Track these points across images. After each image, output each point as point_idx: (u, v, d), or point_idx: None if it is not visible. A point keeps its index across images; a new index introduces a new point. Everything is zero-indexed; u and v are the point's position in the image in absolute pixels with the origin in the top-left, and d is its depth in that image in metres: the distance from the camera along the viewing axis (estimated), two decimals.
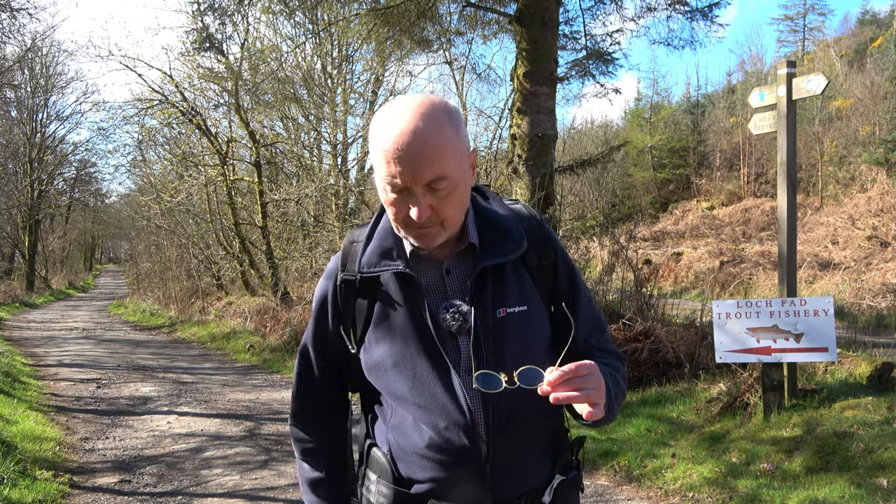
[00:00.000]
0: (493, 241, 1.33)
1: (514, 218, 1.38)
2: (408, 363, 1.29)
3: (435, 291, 1.33)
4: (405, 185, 1.21)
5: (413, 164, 1.19)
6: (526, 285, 1.35)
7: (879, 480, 3.84)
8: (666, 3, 8.69)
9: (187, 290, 19.44)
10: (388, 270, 1.32)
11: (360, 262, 1.35)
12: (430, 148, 1.18)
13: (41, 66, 27.93)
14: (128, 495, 4.55)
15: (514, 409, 1.28)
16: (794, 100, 5.13)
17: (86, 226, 44.44)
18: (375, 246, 1.36)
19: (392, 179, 1.21)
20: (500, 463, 1.27)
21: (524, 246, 1.34)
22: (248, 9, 10.24)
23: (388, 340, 1.32)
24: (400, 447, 1.32)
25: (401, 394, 1.31)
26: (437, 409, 1.27)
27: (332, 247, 14.65)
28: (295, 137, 17.82)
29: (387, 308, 1.33)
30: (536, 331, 1.34)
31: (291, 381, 1.53)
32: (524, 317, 1.32)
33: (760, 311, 4.91)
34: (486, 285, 1.31)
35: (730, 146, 27.85)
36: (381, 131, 1.22)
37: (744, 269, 14.81)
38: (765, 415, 4.94)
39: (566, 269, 1.41)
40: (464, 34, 10.20)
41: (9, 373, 8.46)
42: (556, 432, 1.38)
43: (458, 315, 1.28)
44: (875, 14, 40.03)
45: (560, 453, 1.37)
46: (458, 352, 1.29)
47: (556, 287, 1.39)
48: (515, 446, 1.28)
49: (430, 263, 1.35)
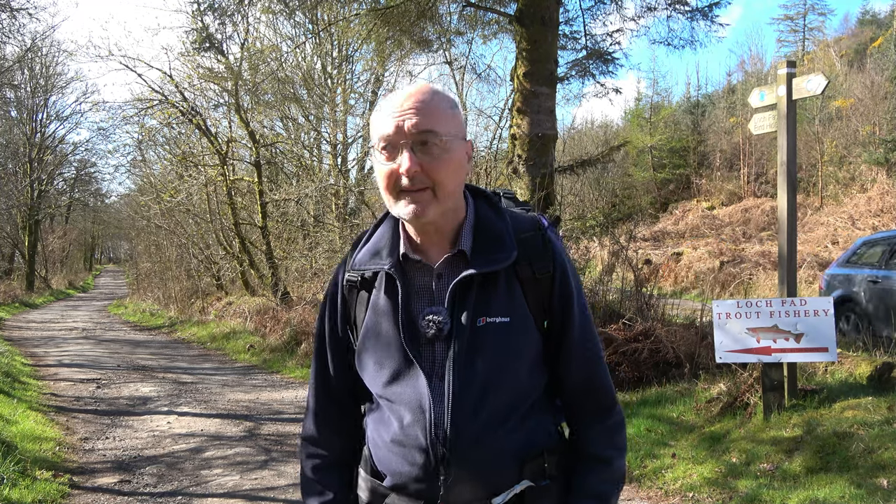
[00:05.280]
0: (484, 249, 1.33)
1: (511, 227, 1.36)
2: (387, 362, 1.33)
3: (424, 295, 1.34)
4: (398, 139, 1.25)
5: (407, 117, 1.25)
6: (515, 297, 1.32)
7: (879, 480, 3.84)
8: (666, 3, 8.69)
9: (187, 290, 19.44)
10: (373, 269, 1.35)
11: (354, 259, 1.40)
12: (425, 105, 1.27)
13: (41, 66, 27.93)
14: (128, 495, 4.55)
15: (478, 412, 1.28)
16: (794, 100, 5.13)
17: (86, 226, 44.40)
18: (370, 245, 1.40)
19: (387, 137, 1.26)
20: (458, 465, 1.27)
21: (513, 257, 1.31)
22: (248, 9, 10.24)
23: (374, 339, 1.35)
24: (374, 440, 1.38)
25: (380, 389, 1.35)
26: (403, 407, 1.31)
27: (332, 247, 14.65)
28: (295, 137, 17.82)
29: (377, 307, 1.36)
30: (517, 344, 1.31)
31: (308, 384, 1.52)
32: (505, 328, 1.30)
33: (760, 311, 4.91)
34: (469, 293, 1.31)
35: (730, 146, 27.86)
36: (381, 104, 1.31)
37: (744, 269, 14.81)
38: (765, 415, 4.94)
39: (561, 289, 1.35)
40: (464, 34, 10.21)
41: (9, 373, 8.46)
42: (534, 438, 1.33)
43: (433, 323, 1.30)
44: (875, 14, 40.09)
45: (533, 458, 1.32)
46: (433, 357, 1.31)
47: (551, 302, 1.35)
48: (476, 448, 1.28)
49: (422, 267, 1.35)
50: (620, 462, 1.38)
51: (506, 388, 1.30)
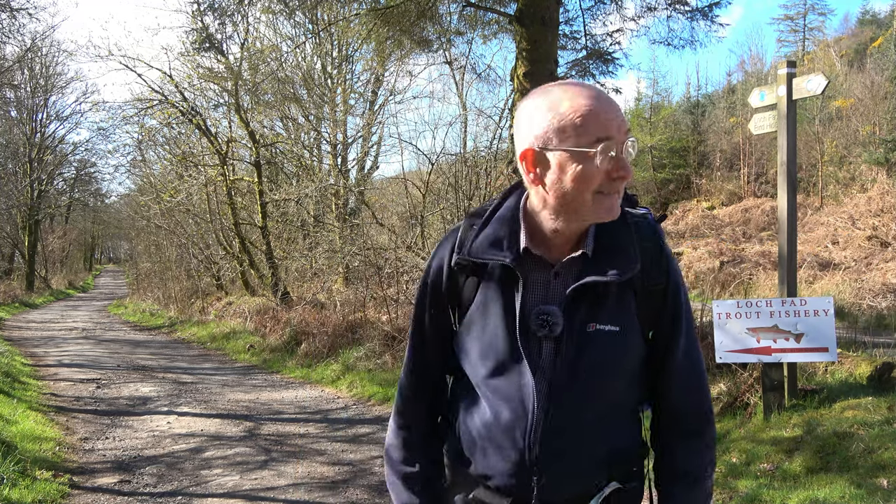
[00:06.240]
0: (606, 256, 1.31)
1: (634, 236, 1.34)
2: (492, 353, 1.33)
3: (537, 292, 1.33)
4: (616, 133, 1.22)
5: (620, 119, 1.23)
6: (626, 307, 1.32)
7: (880, 480, 3.84)
8: (666, 3, 8.67)
9: (187, 290, 19.43)
10: (494, 261, 1.33)
11: (471, 245, 1.36)
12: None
13: (41, 66, 27.90)
14: (128, 495, 4.55)
15: (577, 416, 1.30)
16: (794, 100, 5.13)
17: (86, 226, 44.37)
18: (489, 233, 1.36)
19: (608, 131, 1.22)
20: (550, 465, 1.29)
21: (636, 270, 1.30)
22: (248, 9, 10.23)
23: (481, 327, 1.34)
24: (466, 427, 1.38)
25: (480, 379, 1.35)
26: (503, 401, 1.31)
27: (332, 247, 14.66)
28: (295, 137, 17.81)
29: (487, 296, 1.34)
30: (623, 354, 1.32)
31: (403, 363, 1.52)
32: (613, 337, 1.30)
33: (760, 311, 4.90)
34: (585, 297, 1.30)
35: (730, 146, 27.84)
36: (570, 99, 1.24)
37: (744, 269, 14.79)
38: (765, 415, 4.94)
39: (673, 304, 1.36)
40: (464, 34, 10.19)
41: (9, 373, 8.46)
42: (621, 444, 1.36)
43: (547, 323, 1.29)
44: (875, 14, 40.08)
45: (620, 462, 1.35)
46: (540, 354, 1.31)
47: (659, 318, 1.36)
48: (570, 451, 1.30)
49: (540, 263, 1.34)
50: (711, 480, 1.41)
51: (606, 395, 1.33)
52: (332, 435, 6.06)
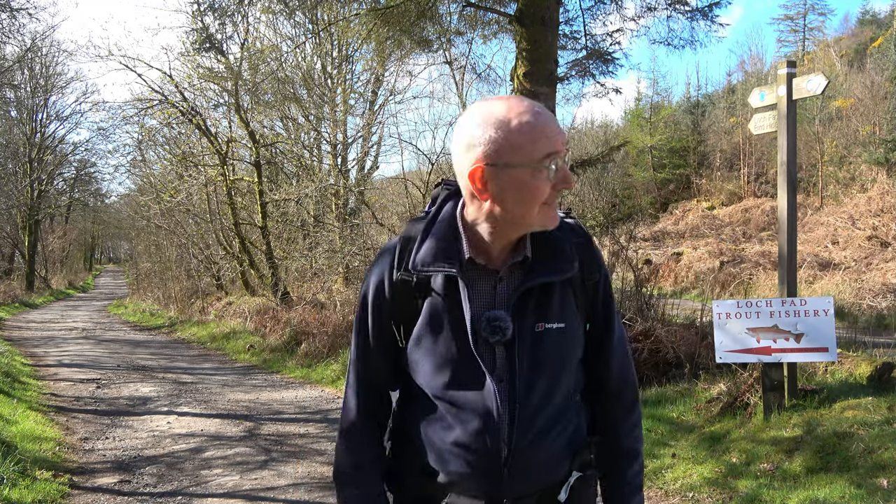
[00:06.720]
0: (546, 258, 1.37)
1: (568, 236, 1.40)
2: (448, 365, 1.35)
3: (484, 299, 1.36)
4: (561, 147, 1.28)
5: (558, 125, 1.30)
6: (568, 303, 1.39)
7: (879, 480, 3.84)
8: (666, 3, 8.67)
9: (187, 291, 19.43)
10: (440, 272, 1.34)
11: (414, 258, 1.37)
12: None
13: (41, 66, 27.90)
14: (128, 495, 4.55)
15: (539, 414, 1.35)
16: (794, 100, 5.13)
17: (86, 226, 44.36)
18: (431, 245, 1.37)
19: (555, 146, 1.27)
20: (520, 464, 1.33)
21: (575, 268, 1.38)
22: (248, 9, 10.23)
23: (433, 340, 1.36)
24: (430, 440, 1.38)
25: (438, 391, 1.37)
26: (467, 410, 1.33)
27: (332, 247, 14.66)
28: (295, 137, 17.81)
29: (435, 308, 1.36)
30: (571, 348, 1.39)
31: (346, 382, 1.50)
32: (562, 333, 1.37)
33: (760, 311, 4.90)
34: (530, 300, 1.35)
35: (730, 146, 27.86)
36: (517, 117, 1.27)
37: (744, 269, 14.80)
38: (765, 415, 4.94)
39: (604, 294, 1.45)
40: (464, 34, 10.18)
41: (9, 373, 8.46)
42: (577, 435, 1.42)
43: (499, 329, 1.32)
44: (875, 14, 40.09)
45: (579, 451, 1.41)
46: (494, 360, 1.35)
47: (594, 309, 1.45)
48: (536, 448, 1.35)
49: (484, 271, 1.37)
50: (642, 451, 1.53)
51: (560, 390, 1.38)
52: (333, 435, 6.06)
